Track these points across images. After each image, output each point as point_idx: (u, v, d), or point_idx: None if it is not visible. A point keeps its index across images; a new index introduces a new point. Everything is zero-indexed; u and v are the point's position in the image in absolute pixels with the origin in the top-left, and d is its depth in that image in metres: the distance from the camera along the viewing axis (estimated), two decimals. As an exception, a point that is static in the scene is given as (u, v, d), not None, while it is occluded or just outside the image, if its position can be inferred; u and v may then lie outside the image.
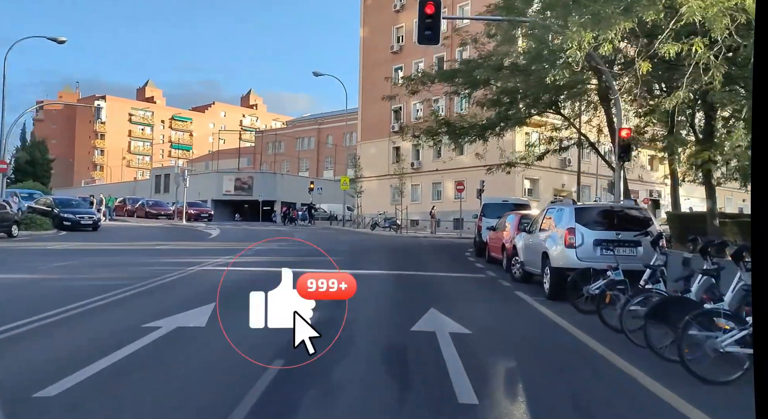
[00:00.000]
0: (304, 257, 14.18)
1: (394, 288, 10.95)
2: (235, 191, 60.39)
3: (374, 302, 9.05)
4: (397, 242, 25.65)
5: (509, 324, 8.29)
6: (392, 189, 44.75)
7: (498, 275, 13.44)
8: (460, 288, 11.35)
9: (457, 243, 25.86)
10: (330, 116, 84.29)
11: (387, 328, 7.51)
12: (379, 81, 49.08)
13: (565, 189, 41.42)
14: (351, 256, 16.68)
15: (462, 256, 18.67)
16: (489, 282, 12.40)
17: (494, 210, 17.84)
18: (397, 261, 15.99)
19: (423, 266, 15.20)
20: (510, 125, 21.64)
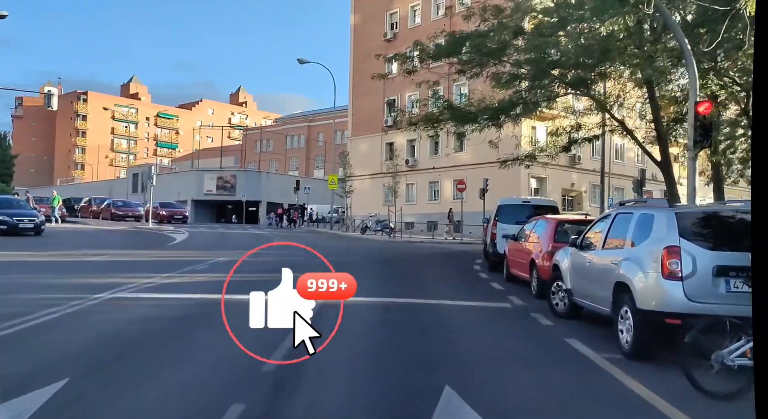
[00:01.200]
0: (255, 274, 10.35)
1: (383, 335, 7.27)
2: (217, 190, 56.57)
3: (348, 372, 5.40)
4: (389, 250, 21.98)
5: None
6: (385, 189, 41.08)
7: (527, 303, 9.79)
8: (484, 334, 7.66)
9: (459, 251, 22.21)
10: (321, 113, 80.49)
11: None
12: (371, 72, 45.40)
13: (575, 189, 37.87)
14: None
15: (470, 270, 15.01)
16: (520, 319, 8.71)
17: (513, 214, 14.19)
18: (388, 280, 12.28)
19: (423, 288, 11.51)
20: (531, 108, 17.93)
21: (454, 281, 12.68)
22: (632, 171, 40.20)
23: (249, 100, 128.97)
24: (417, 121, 19.63)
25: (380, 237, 31.82)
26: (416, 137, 42.69)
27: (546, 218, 11.21)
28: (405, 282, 12.14)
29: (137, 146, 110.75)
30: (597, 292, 7.13)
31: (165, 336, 6.95)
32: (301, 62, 36.14)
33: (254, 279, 4.95)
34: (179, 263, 14.35)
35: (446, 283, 12.42)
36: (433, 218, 39.01)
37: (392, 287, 11.42)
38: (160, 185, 61.38)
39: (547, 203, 15.05)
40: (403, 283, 12.04)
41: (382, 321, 8.05)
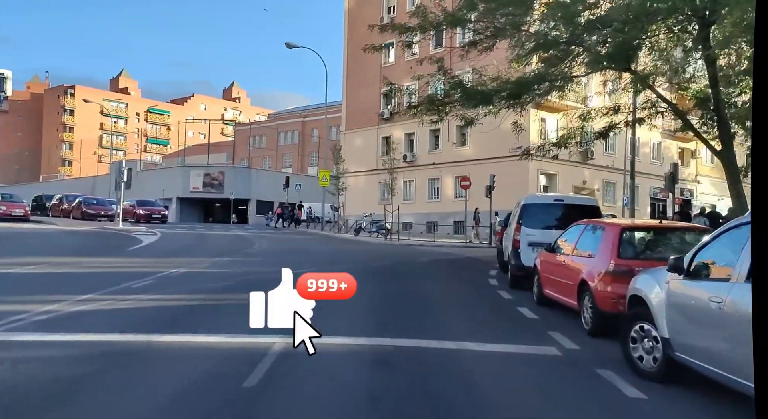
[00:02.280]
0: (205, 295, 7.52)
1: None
2: (204, 188, 53.47)
3: None
4: (384, 256, 18.97)
5: None
6: (381, 186, 38.06)
7: (582, 347, 6.79)
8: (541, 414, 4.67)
9: (468, 257, 19.20)
10: (315, 108, 77.32)
11: None
12: (366, 61, 42.43)
13: (587, 187, 34.90)
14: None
15: (485, 286, 12.01)
16: (584, 381, 5.70)
17: (541, 216, 11.18)
18: (382, 304, 9.27)
19: (431, 318, 8.49)
20: (558, 86, 14.89)
21: (471, 305, 9.66)
22: (648, 168, 37.25)
23: (242, 96, 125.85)
24: (419, 104, 16.52)
25: (375, 239, 28.83)
26: (415, 131, 39.76)
27: (600, 224, 8.19)
28: (405, 308, 9.10)
29: (127, 143, 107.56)
30: (733, 354, 4.15)
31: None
32: (289, 47, 33.13)
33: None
34: (120, 276, 11.32)
35: (460, 308, 9.41)
36: (432, 218, 36.07)
37: (388, 316, 8.40)
38: (144, 182, 58.27)
39: (586, 203, 11.92)
40: (403, 309, 9.00)
41: (372, 391, 5.03)
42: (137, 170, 60.38)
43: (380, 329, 7.31)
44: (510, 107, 15.22)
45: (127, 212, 34.94)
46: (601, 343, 6.92)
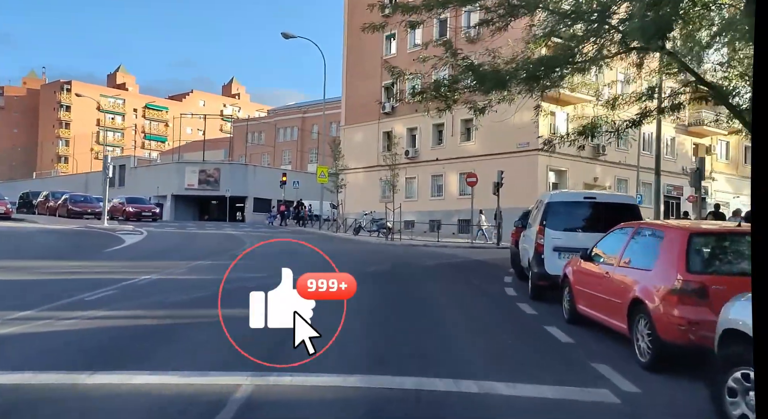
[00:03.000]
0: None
1: None
2: (199, 185, 51.88)
3: None
4: (385, 258, 17.37)
5: None
6: (382, 183, 36.44)
7: (643, 388, 5.16)
8: None
9: (475, 260, 17.57)
10: (315, 104, 75.54)
11: None
12: (366, 52, 40.81)
13: (598, 184, 33.25)
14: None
15: (503, 297, 10.37)
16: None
17: (569, 216, 9.51)
18: (381, 322, 7.69)
19: (443, 343, 6.86)
20: (585, 66, 13.19)
21: (489, 325, 8.02)
22: (662, 164, 35.52)
23: (242, 92, 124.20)
24: (423, 91, 14.83)
25: (375, 239, 27.24)
26: (417, 125, 38.09)
27: (656, 227, 6.56)
28: (409, 329, 7.47)
29: (124, 139, 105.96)
30: None
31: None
32: (285, 37, 31.47)
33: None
34: (79, 284, 9.73)
35: (477, 329, 7.78)
36: (436, 216, 34.45)
37: (388, 341, 6.79)
38: (139, 179, 56.76)
39: (623, 201, 10.15)
40: (407, 331, 7.37)
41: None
42: (131, 167, 58.94)
43: (377, 362, 5.71)
44: (528, 91, 13.56)
45: (117, 210, 33.41)
46: (668, 383, 5.31)
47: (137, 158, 62.87)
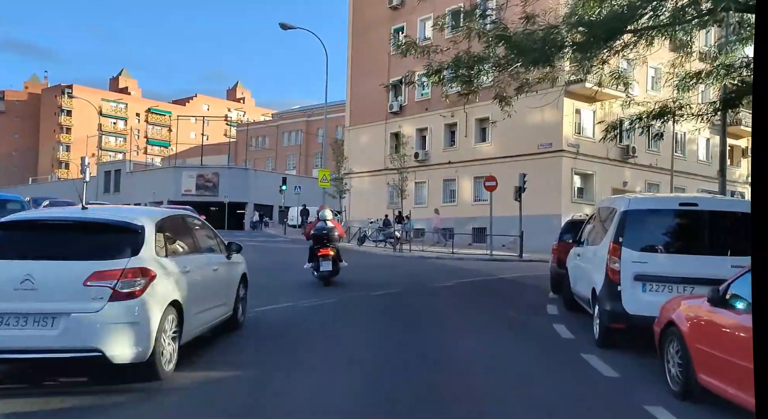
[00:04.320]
0: None
1: None
2: (197, 190, 49.30)
3: None
4: (394, 276, 14.57)
5: None
6: (389, 188, 33.65)
7: None
8: None
9: (501, 279, 14.67)
10: (320, 108, 73.07)
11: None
12: (372, 48, 38.16)
13: (627, 189, 30.27)
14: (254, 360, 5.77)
15: (560, 345, 7.43)
16: None
17: (660, 230, 6.54)
18: (390, 402, 4.77)
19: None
20: (652, 34, 10.26)
21: (555, 404, 5.12)
22: (695, 167, 32.59)
23: (247, 97, 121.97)
24: (439, 70, 11.95)
25: (382, 250, 24.42)
26: (427, 126, 35.18)
27: None
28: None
29: (126, 144, 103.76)
30: None
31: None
32: (284, 27, 28.79)
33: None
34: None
35: (539, 407, 4.92)
36: (448, 224, 31.57)
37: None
38: (135, 185, 54.27)
39: (738, 209, 7.03)
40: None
41: None
42: (127, 171, 56.49)
43: None
44: (579, 65, 10.73)
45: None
46: None
47: (133, 162, 60.23)
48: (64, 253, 5.00)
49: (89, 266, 4.84)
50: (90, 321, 4.71)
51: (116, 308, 4.78)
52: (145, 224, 5.32)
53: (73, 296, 4.75)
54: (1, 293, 4.73)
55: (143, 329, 4.87)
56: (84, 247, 5.09)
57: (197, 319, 5.90)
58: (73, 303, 4.72)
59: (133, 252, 5.05)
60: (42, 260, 4.91)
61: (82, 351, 4.74)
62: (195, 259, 6.10)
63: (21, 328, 4.68)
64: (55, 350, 4.71)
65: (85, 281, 4.78)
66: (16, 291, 4.72)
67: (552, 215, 27.52)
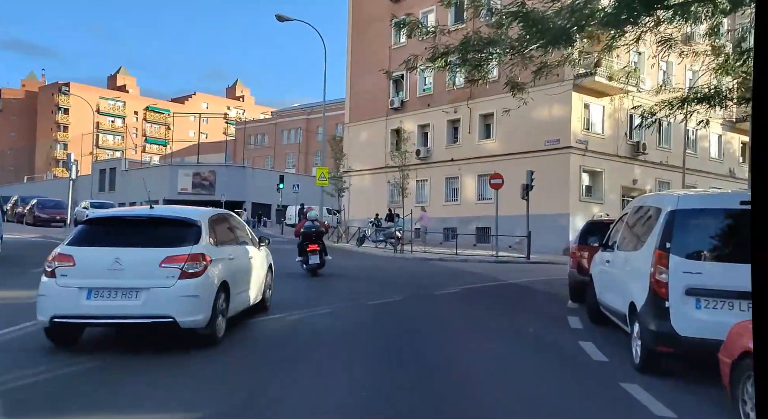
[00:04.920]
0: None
1: None
2: (193, 188, 48.14)
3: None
4: (395, 280, 13.45)
5: None
6: (390, 187, 32.54)
7: None
8: None
9: (512, 284, 13.52)
10: (321, 105, 71.98)
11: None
12: (372, 42, 36.99)
13: (637, 188, 29.10)
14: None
15: (587, 365, 6.30)
16: None
17: (717, 234, 5.52)
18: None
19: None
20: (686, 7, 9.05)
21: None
22: (707, 165, 31.36)
23: (247, 95, 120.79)
24: (446, 53, 10.74)
25: (382, 251, 23.29)
26: (429, 122, 33.95)
27: None
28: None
29: (125, 142, 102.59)
30: None
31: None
32: (280, 19, 27.65)
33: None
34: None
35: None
36: (450, 223, 30.49)
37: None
38: (130, 183, 53.09)
39: None
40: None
41: None
42: (122, 170, 55.37)
43: None
44: (610, 42, 9.55)
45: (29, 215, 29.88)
46: None
47: (128, 160, 59.10)
48: (143, 242, 6.23)
49: (163, 252, 6.08)
50: (165, 294, 5.93)
51: (184, 285, 5.99)
52: (201, 219, 6.61)
53: (151, 275, 5.97)
54: (97, 272, 5.97)
55: (204, 301, 6.10)
56: (157, 237, 6.32)
57: (239, 298, 7.13)
58: (152, 280, 5.95)
59: (194, 241, 6.29)
60: (126, 247, 6.12)
61: (159, 318, 5.94)
62: (236, 249, 7.38)
63: (112, 299, 5.91)
64: (138, 316, 5.93)
65: (160, 264, 6.02)
66: (108, 271, 5.93)
67: (559, 215, 26.40)
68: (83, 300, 5.90)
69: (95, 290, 5.93)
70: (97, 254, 6.09)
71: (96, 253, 6.11)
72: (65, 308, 5.88)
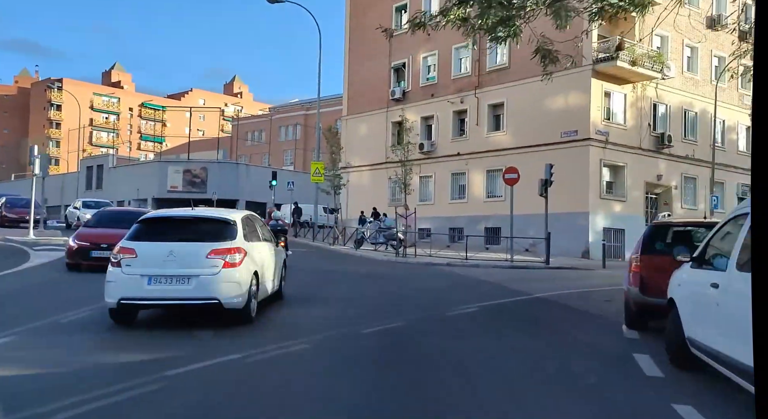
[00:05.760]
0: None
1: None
2: (183, 186, 45.69)
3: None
4: (396, 295, 11.06)
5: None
6: (391, 184, 30.18)
7: None
8: None
9: (538, 299, 11.03)
10: (321, 100, 69.48)
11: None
12: (372, 29, 34.49)
13: (662, 184, 26.65)
14: None
15: None
16: None
17: None
18: None
19: None
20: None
21: None
22: (735, 159, 28.82)
23: (245, 91, 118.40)
24: (446, 9, 8.23)
25: (383, 255, 20.86)
26: (434, 113, 31.32)
27: None
28: None
29: (119, 139, 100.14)
30: None
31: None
32: (271, 1, 25.23)
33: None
34: None
35: None
36: (457, 223, 28.11)
37: None
38: (118, 181, 50.72)
39: None
40: None
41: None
42: (109, 166, 52.95)
43: None
44: None
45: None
46: None
47: (117, 157, 56.73)
48: (190, 237, 7.53)
49: (208, 246, 7.34)
50: (211, 280, 7.18)
51: (227, 273, 7.24)
52: (236, 219, 7.90)
53: (199, 264, 7.22)
54: (155, 263, 7.21)
55: (242, 287, 7.34)
56: (202, 233, 7.61)
57: (264, 287, 8.32)
58: (200, 269, 7.20)
59: (233, 237, 7.56)
60: (177, 242, 7.39)
61: (207, 299, 7.21)
62: (262, 245, 8.56)
63: (168, 284, 7.18)
64: (190, 298, 7.22)
65: (206, 255, 7.28)
66: (164, 261, 7.19)
67: (578, 214, 23.97)
68: (145, 285, 7.06)
69: (154, 277, 7.08)
70: (154, 247, 7.22)
71: (153, 246, 7.23)
72: (130, 292, 7.04)
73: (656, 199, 26.91)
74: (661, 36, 26.27)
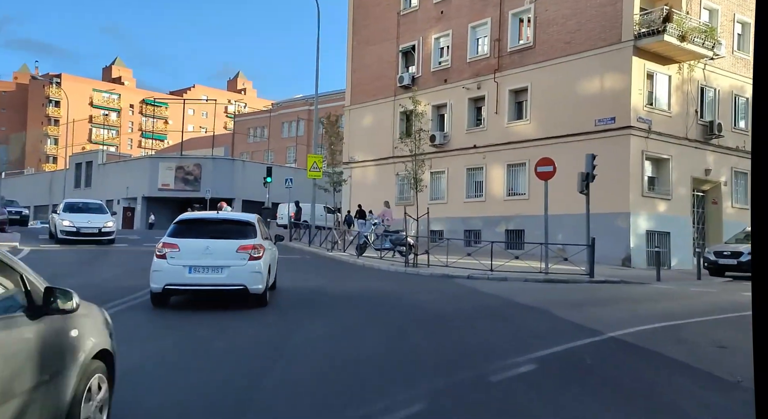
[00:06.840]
0: None
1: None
2: (176, 184, 42.59)
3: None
4: (405, 331, 7.80)
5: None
6: (399, 180, 26.97)
7: None
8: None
9: (614, 340, 7.68)
10: (323, 96, 66.31)
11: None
12: (378, 10, 31.32)
13: (710, 179, 23.18)
14: None
15: None
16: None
17: None
18: None
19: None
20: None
21: None
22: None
23: (248, 88, 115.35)
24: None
25: (389, 263, 17.52)
26: (447, 101, 27.79)
27: None
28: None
29: (119, 137, 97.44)
30: None
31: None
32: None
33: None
34: None
35: None
36: (473, 224, 24.83)
37: None
38: (108, 178, 47.71)
39: None
40: None
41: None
42: (99, 163, 49.91)
43: None
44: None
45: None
46: None
47: (107, 153, 53.74)
48: (221, 235, 9.28)
49: (236, 243, 9.14)
50: (240, 270, 8.95)
51: (252, 264, 9.02)
52: (254, 220, 9.84)
53: (230, 257, 8.99)
54: (195, 255, 8.93)
55: (263, 276, 9.14)
56: (230, 232, 9.41)
57: (271, 277, 10.11)
58: (231, 261, 8.96)
59: (254, 236, 9.39)
60: (211, 239, 9.14)
61: (236, 285, 8.98)
62: (269, 243, 10.24)
63: (205, 273, 8.93)
64: (223, 284, 8.99)
65: (236, 250, 9.05)
66: (202, 254, 8.93)
67: (616, 214, 20.56)
68: (186, 274, 8.86)
69: (194, 267, 8.86)
70: (194, 243, 9.00)
71: (193, 242, 9.01)
72: (174, 279, 8.86)
73: (703, 197, 23.45)
74: (709, 9, 22.84)
